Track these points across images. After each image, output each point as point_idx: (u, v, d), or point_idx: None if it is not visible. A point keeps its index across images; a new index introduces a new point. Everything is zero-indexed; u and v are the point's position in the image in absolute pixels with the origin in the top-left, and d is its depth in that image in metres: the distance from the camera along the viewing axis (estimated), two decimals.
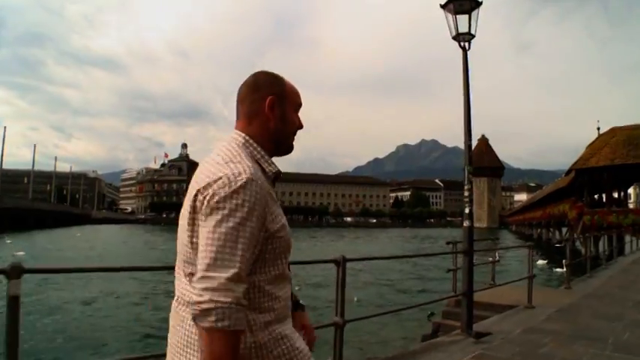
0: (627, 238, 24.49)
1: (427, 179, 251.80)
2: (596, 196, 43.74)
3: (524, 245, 9.60)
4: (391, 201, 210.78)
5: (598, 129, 41.42)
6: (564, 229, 48.92)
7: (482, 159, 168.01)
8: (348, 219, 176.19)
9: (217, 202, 1.45)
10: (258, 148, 1.69)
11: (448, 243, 8.93)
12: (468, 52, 6.76)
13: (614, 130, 38.65)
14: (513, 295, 9.21)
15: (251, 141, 1.68)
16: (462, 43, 6.69)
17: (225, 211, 1.44)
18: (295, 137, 1.82)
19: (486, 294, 8.93)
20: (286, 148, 1.80)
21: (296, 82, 1.83)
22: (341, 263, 4.59)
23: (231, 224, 1.43)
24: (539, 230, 72.22)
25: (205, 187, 1.49)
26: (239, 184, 1.47)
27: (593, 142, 39.74)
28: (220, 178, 1.48)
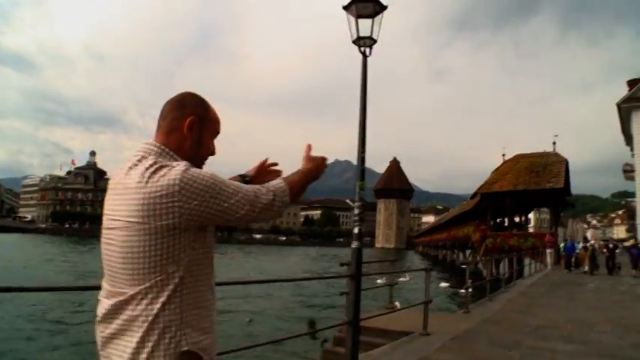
0: (527, 260, 25.34)
1: (338, 199, 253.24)
2: (498, 220, 45.40)
3: (420, 269, 9.28)
4: (301, 219, 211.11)
5: (503, 155, 43.39)
6: (468, 251, 50.48)
7: (393, 181, 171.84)
8: (258, 236, 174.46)
9: (200, 191, 1.56)
10: (175, 156, 1.72)
11: (342, 265, 8.57)
12: (369, 59, 6.45)
13: (517, 158, 40.45)
14: (410, 321, 8.80)
15: (167, 149, 1.71)
16: (362, 48, 6.37)
17: (214, 190, 1.58)
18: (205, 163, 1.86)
19: (383, 319, 8.64)
20: None
21: (213, 94, 1.42)
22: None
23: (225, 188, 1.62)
24: (444, 252, 74.18)
25: (178, 192, 1.53)
26: (196, 174, 1.57)
27: (498, 167, 41.50)
28: (180, 178, 1.54)
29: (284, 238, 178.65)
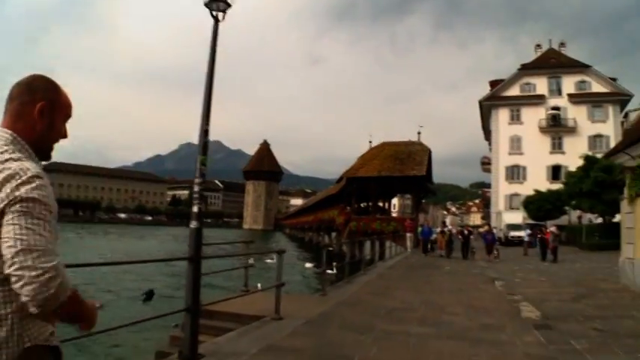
0: (388, 243, 26.06)
1: (207, 179, 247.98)
2: (363, 204, 46.56)
3: (275, 251, 8.95)
4: (168, 199, 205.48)
5: (370, 142, 44.53)
6: (333, 234, 51.43)
7: (263, 163, 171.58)
8: (122, 215, 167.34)
9: (17, 198, 1.52)
10: (26, 146, 1.71)
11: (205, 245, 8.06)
12: (221, 24, 5.95)
13: (383, 145, 41.56)
14: (265, 304, 8.39)
15: (19, 138, 1.70)
16: (214, 12, 5.81)
17: (25, 207, 1.52)
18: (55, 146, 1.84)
19: (237, 303, 8.26)
20: (45, 155, 1.82)
21: (83, 66, 0.93)
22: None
23: (35, 217, 1.53)
24: (310, 234, 75.20)
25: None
26: (30, 178, 1.56)
27: (365, 154, 42.40)
28: (12, 175, 1.55)
29: (150, 218, 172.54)
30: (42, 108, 1.72)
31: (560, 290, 13.00)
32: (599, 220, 36.34)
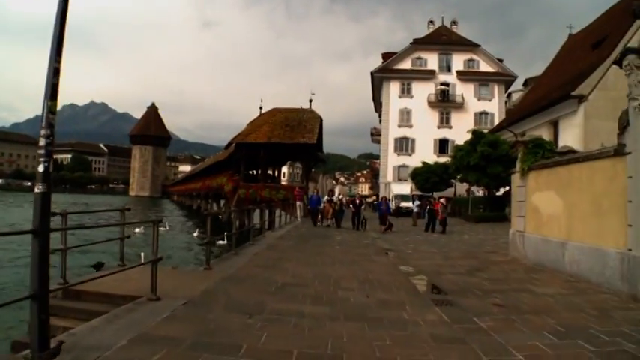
0: (277, 213, 25.09)
1: (91, 143, 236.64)
2: (252, 172, 45.22)
3: (149, 221, 7.62)
4: None
5: (260, 108, 42.77)
6: (222, 202, 49.91)
7: (150, 127, 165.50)
8: None
9: None
10: None
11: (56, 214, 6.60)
12: None
13: (274, 111, 40.24)
14: (143, 282, 7.14)
15: None
16: None
17: None
18: None
19: (109, 281, 6.92)
20: None
21: None
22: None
23: None
24: (199, 201, 73.23)
25: None
26: None
27: (255, 119, 40.89)
28: None
29: (29, 184, 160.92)
30: None
31: (453, 263, 12.55)
32: (481, 193, 37.43)
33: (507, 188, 29.97)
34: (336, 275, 9.58)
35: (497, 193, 35.57)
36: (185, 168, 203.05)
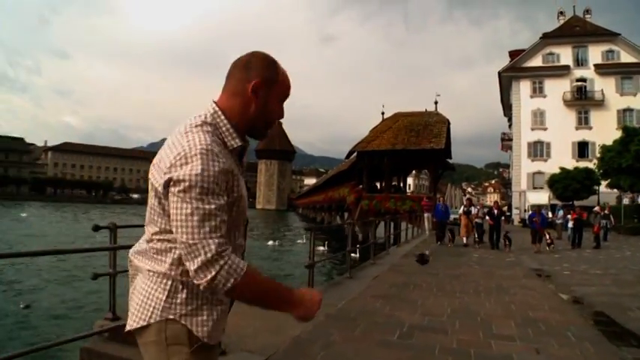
0: (403, 225, 22.79)
1: None
2: (378, 184, 43.03)
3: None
4: None
5: (382, 114, 40.59)
6: (346, 214, 48.30)
7: (274, 142, 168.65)
8: (135, 195, 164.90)
9: (178, 176, 1.53)
10: (225, 121, 1.72)
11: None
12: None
13: (397, 116, 38.07)
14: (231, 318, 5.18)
15: (219, 112, 1.72)
16: None
17: (187, 184, 1.52)
18: (270, 126, 1.84)
19: None
20: (259, 135, 1.84)
21: (92, 47, 0.68)
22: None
23: (195, 197, 1.52)
24: (323, 214, 72.46)
25: (168, 160, 1.59)
26: (194, 154, 1.54)
27: (377, 125, 38.72)
28: (178, 152, 1.56)
29: None
30: (256, 86, 1.72)
31: (634, 291, 9.72)
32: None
33: None
34: (483, 310, 7.14)
35: None
36: (310, 181, 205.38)
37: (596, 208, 22.02)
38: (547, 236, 18.86)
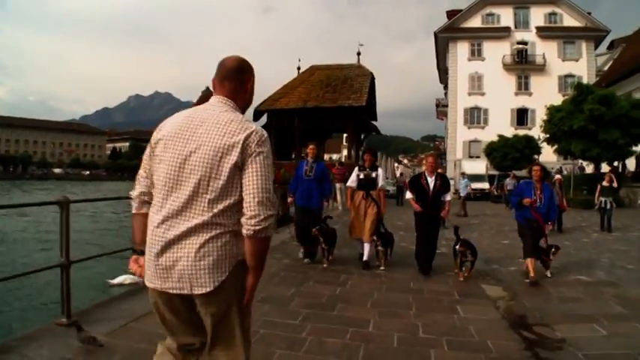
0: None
1: (149, 130, 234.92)
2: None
3: None
4: (108, 152, 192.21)
5: (298, 68, 33.94)
6: None
7: None
8: (57, 170, 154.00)
9: (260, 147, 2.26)
10: (238, 111, 2.48)
11: None
12: None
13: (312, 69, 31.85)
14: None
15: (235, 106, 2.45)
16: None
17: (265, 154, 2.27)
18: None
19: None
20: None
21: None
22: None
23: (269, 162, 2.27)
24: None
25: (247, 137, 2.24)
26: (266, 135, 2.33)
27: (289, 82, 32.26)
28: (254, 131, 2.28)
29: (87, 173, 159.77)
30: (251, 83, 2.54)
31: None
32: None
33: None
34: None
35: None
36: None
37: (557, 177, 16.92)
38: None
